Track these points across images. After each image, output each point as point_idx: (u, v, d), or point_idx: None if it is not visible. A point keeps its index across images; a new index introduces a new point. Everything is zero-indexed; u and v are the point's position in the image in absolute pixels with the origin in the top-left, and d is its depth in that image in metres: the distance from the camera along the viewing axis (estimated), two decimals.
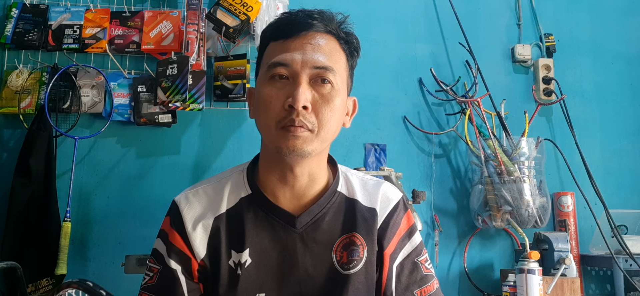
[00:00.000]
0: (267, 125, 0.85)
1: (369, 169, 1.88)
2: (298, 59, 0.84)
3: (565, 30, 2.15)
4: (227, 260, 0.88)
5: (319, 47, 0.85)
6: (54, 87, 1.68)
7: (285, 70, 0.84)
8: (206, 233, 0.89)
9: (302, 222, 0.89)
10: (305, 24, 0.86)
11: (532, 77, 2.09)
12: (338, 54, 0.89)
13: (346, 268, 0.89)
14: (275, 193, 0.90)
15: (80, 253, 1.66)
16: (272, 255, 0.89)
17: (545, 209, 1.79)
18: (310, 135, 0.83)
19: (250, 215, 0.90)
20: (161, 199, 1.72)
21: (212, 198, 0.92)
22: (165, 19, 1.79)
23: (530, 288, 1.53)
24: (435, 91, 1.99)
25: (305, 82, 0.83)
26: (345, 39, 0.91)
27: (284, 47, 0.86)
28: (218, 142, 1.81)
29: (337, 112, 0.86)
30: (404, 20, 2.06)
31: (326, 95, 0.84)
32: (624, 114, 2.14)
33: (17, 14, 1.75)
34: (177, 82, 1.64)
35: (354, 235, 0.91)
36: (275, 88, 0.84)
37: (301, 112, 0.82)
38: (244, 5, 1.69)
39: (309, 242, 0.89)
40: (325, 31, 0.88)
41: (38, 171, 1.59)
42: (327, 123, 0.84)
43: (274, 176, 0.90)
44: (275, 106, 0.83)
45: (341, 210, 0.93)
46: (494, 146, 1.81)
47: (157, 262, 0.91)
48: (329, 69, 0.84)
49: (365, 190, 0.96)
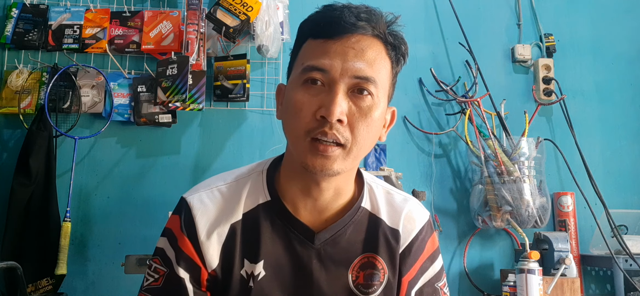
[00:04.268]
0: (295, 134, 0.77)
1: (369, 169, 1.87)
2: (337, 65, 0.75)
3: (565, 30, 2.15)
4: (240, 269, 0.83)
5: (363, 54, 0.76)
6: (54, 87, 1.68)
7: (322, 76, 0.75)
8: (220, 240, 0.83)
9: (322, 238, 0.83)
10: (350, 24, 0.77)
11: (532, 77, 2.09)
12: (383, 62, 0.79)
13: (364, 292, 0.84)
14: (295, 203, 0.84)
15: (80, 253, 1.66)
16: (287, 270, 0.83)
17: (545, 209, 1.79)
18: (341, 153, 0.75)
19: (267, 223, 0.84)
20: (161, 199, 1.73)
21: (228, 201, 0.85)
22: (165, 19, 1.79)
23: (530, 288, 1.53)
24: (435, 91, 1.99)
25: (342, 91, 0.75)
26: (393, 44, 0.82)
27: (323, 49, 0.76)
28: (218, 142, 1.81)
29: (374, 127, 0.78)
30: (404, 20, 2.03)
31: (364, 108, 0.76)
32: (624, 114, 2.13)
33: (17, 14, 1.75)
34: (177, 82, 1.64)
35: (376, 257, 0.85)
36: (308, 94, 0.76)
37: (335, 125, 0.74)
38: (244, 5, 1.69)
39: (326, 260, 0.83)
40: (372, 35, 0.78)
41: (38, 171, 1.59)
42: (362, 140, 0.76)
43: (297, 186, 0.83)
44: (306, 114, 0.75)
45: (363, 227, 0.86)
46: (494, 146, 1.81)
47: (164, 264, 0.84)
48: (370, 80, 0.76)
49: (391, 208, 0.89)
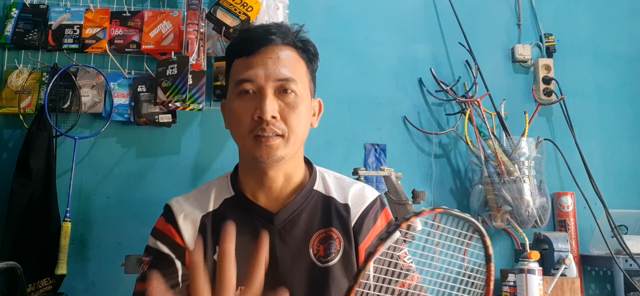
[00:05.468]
0: (241, 136, 0.92)
1: (369, 169, 1.87)
2: (261, 74, 0.91)
3: (565, 30, 2.15)
4: (213, 255, 0.94)
5: (280, 60, 0.92)
6: (54, 87, 1.68)
7: (251, 85, 0.91)
8: (195, 228, 0.96)
9: (280, 218, 0.95)
10: (264, 39, 0.93)
11: (532, 77, 2.09)
12: (298, 63, 0.96)
13: (324, 261, 0.95)
14: (255, 194, 0.98)
15: (80, 253, 1.66)
16: (253, 250, 0.93)
17: (545, 209, 1.79)
18: (281, 141, 0.91)
19: (232, 214, 0.96)
20: (161, 199, 1.70)
21: (200, 201, 1.00)
22: (165, 19, 1.79)
23: (530, 288, 1.53)
24: (435, 91, 1.99)
25: (270, 94, 0.90)
26: (303, 48, 0.98)
27: (247, 64, 0.92)
28: (218, 142, 1.81)
29: (303, 116, 0.94)
30: (404, 20, 2.06)
31: (291, 103, 0.92)
32: (624, 114, 2.13)
33: (17, 14, 1.74)
34: (177, 82, 1.64)
35: (331, 229, 0.97)
36: (244, 101, 0.92)
37: (270, 121, 0.89)
38: (244, 5, 1.69)
39: (287, 238, 0.95)
40: (283, 44, 0.94)
41: (38, 171, 1.59)
42: (295, 128, 0.92)
43: (253, 180, 0.97)
44: (245, 118, 0.91)
45: (318, 208, 0.99)
46: (494, 146, 1.81)
47: (149, 254, 0.96)
48: (290, 80, 0.92)
49: (340, 188, 1.02)
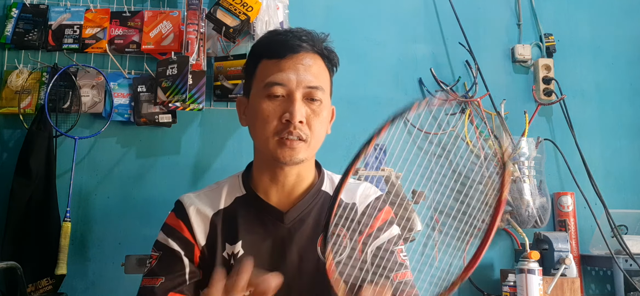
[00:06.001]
0: (265, 136, 0.96)
1: (369, 169, 1.87)
2: (293, 79, 0.95)
3: (565, 30, 2.15)
4: (222, 252, 0.98)
5: (310, 67, 0.97)
6: (54, 87, 1.67)
7: (282, 89, 0.95)
8: (206, 225, 0.99)
9: (290, 217, 0.99)
10: (296, 45, 0.97)
11: (532, 77, 2.09)
12: (324, 73, 1.01)
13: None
14: (267, 192, 1.02)
15: (80, 253, 1.66)
16: (263, 248, 0.98)
17: (545, 209, 1.79)
18: (304, 145, 0.96)
19: (243, 212, 1.00)
20: (161, 199, 1.72)
21: (211, 198, 1.03)
22: (165, 19, 1.79)
23: (530, 288, 1.53)
24: (435, 91, 1.99)
25: (299, 99, 0.95)
26: (328, 57, 1.03)
27: (278, 67, 0.96)
28: (218, 142, 1.81)
29: (325, 123, 1.00)
30: (404, 21, 2.06)
31: (316, 110, 0.97)
32: (624, 114, 2.13)
33: (17, 14, 1.74)
34: (177, 82, 1.64)
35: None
36: (272, 104, 0.96)
37: (297, 125, 0.94)
38: (244, 5, 1.69)
39: (296, 236, 0.98)
40: (313, 51, 0.99)
41: (38, 171, 1.59)
42: (317, 133, 0.98)
43: (266, 176, 1.01)
44: (272, 120, 0.95)
45: (325, 207, 1.00)
46: (494, 146, 1.81)
47: (158, 250, 0.98)
48: (319, 88, 0.97)
49: (348, 190, 1.06)
